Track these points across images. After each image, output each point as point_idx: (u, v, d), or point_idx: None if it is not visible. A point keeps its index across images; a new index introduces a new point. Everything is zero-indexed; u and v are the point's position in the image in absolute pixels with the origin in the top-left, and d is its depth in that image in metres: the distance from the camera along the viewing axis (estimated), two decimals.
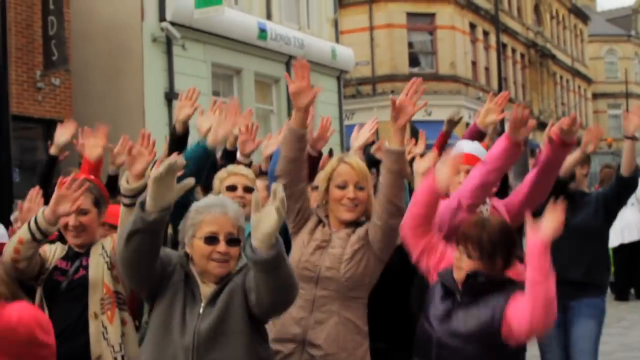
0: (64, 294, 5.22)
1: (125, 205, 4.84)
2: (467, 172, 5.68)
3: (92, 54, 21.98)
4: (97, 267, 5.24)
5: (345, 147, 30.91)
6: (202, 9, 22.20)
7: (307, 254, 5.12)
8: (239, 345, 4.24)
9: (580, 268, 7.39)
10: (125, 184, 4.85)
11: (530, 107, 5.26)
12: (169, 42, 22.29)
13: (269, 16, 26.78)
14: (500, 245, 4.62)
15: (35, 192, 5.93)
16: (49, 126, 20.43)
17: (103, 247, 5.33)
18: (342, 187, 5.20)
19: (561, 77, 59.72)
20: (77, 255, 5.35)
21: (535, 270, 4.35)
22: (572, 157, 7.30)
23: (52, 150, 7.73)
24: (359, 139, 7.27)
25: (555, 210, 4.43)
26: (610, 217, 7.69)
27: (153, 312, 4.44)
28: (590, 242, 7.49)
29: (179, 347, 4.24)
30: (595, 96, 71.03)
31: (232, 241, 4.35)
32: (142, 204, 4.23)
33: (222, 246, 4.33)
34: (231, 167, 6.47)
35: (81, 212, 5.27)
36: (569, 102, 62.30)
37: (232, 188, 6.21)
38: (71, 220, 5.28)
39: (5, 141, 13.22)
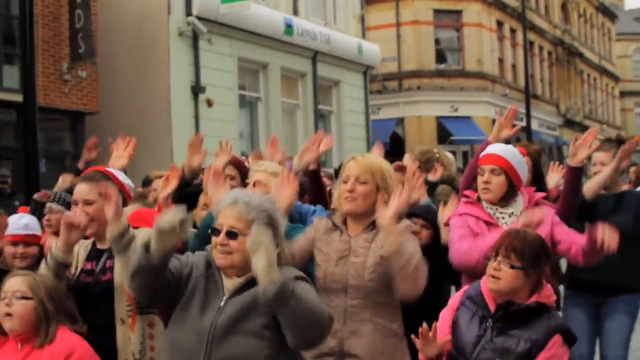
0: (93, 297, 5.17)
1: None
2: (492, 171, 5.69)
3: (119, 47, 22.08)
4: (122, 272, 5.10)
5: (371, 142, 30.92)
6: (228, 4, 22.26)
7: (332, 267, 5.07)
8: (251, 347, 4.17)
9: (614, 272, 7.12)
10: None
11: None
12: (195, 37, 22.32)
13: (295, 12, 26.78)
14: (541, 257, 4.62)
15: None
16: (75, 118, 20.61)
17: None
18: (345, 181, 5.18)
19: (588, 75, 59.42)
20: (101, 254, 5.31)
21: None
22: (601, 178, 7.07)
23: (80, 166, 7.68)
24: (303, 158, 6.53)
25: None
26: None
27: (175, 308, 4.42)
28: (628, 246, 7.27)
29: (194, 339, 4.22)
30: (623, 94, 70.66)
31: (231, 234, 4.29)
32: (146, 246, 4.22)
33: (220, 237, 4.31)
34: (257, 165, 6.29)
35: (87, 202, 5.25)
36: (596, 100, 62.02)
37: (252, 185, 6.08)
38: (78, 210, 5.25)
39: (32, 132, 13.29)
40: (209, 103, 22.58)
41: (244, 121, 25.09)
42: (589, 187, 6.89)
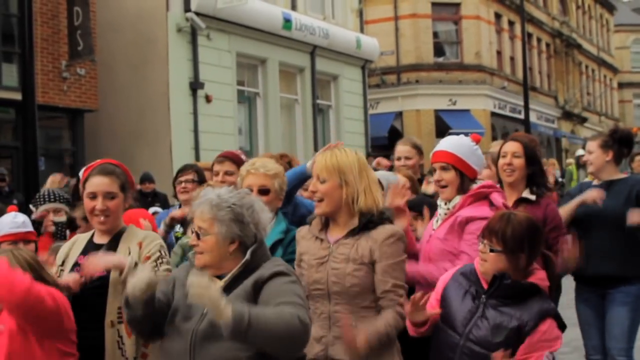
0: (84, 292, 5.12)
1: None
2: (442, 168, 5.68)
3: (118, 44, 22.12)
4: (119, 275, 5.11)
5: (369, 136, 30.94)
6: None
7: (314, 273, 5.07)
8: (233, 351, 4.18)
9: (612, 262, 7.25)
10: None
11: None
12: (193, 32, 22.35)
13: (293, 6, 26.79)
14: (525, 241, 4.62)
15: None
16: (74, 115, 20.62)
17: (130, 254, 5.19)
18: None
19: (587, 67, 59.36)
20: (97, 248, 5.28)
21: None
22: (567, 211, 7.24)
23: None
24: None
25: None
26: None
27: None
28: (622, 233, 7.23)
29: (180, 346, 4.29)
30: (621, 86, 70.59)
31: (198, 234, 4.36)
32: (127, 302, 4.37)
33: (192, 238, 4.41)
34: (249, 164, 6.07)
35: (108, 195, 5.26)
36: (595, 91, 61.96)
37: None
38: (98, 203, 5.24)
39: (31, 130, 13.30)
40: (208, 99, 22.60)
41: (243, 117, 25.09)
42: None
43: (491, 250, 4.63)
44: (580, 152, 33.16)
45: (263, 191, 5.81)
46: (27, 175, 13.42)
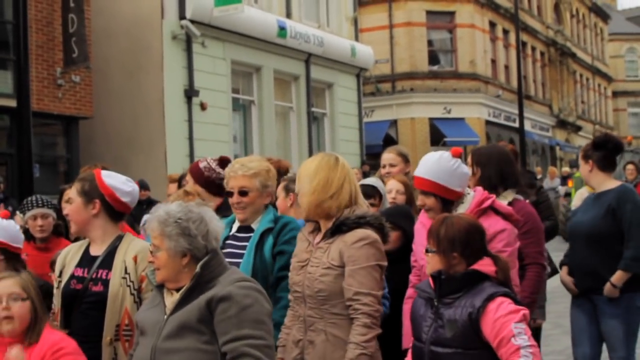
0: (82, 304, 5.12)
1: None
2: (423, 193, 5.60)
3: (113, 51, 22.11)
4: (118, 293, 5.08)
5: (364, 144, 30.96)
6: (222, 7, 22.30)
7: (294, 276, 5.11)
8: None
9: (594, 276, 7.18)
10: None
11: None
12: (188, 40, 22.36)
13: (288, 14, 26.83)
14: (457, 242, 4.66)
15: None
16: (68, 122, 20.61)
17: (127, 273, 5.15)
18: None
19: (581, 76, 59.51)
20: (93, 260, 5.25)
21: None
22: None
23: None
24: None
25: None
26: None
27: None
28: (599, 247, 7.17)
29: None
30: (616, 94, 70.79)
31: (152, 251, 4.45)
32: None
33: (149, 255, 4.52)
34: (229, 167, 6.00)
35: (67, 201, 5.29)
36: (589, 100, 62.11)
37: (229, 194, 5.86)
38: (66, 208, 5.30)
39: (26, 137, 13.28)
40: (202, 106, 22.61)
41: (237, 124, 25.10)
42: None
43: (426, 251, 4.73)
44: None
45: (242, 192, 5.77)
46: (22, 182, 13.40)
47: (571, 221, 7.47)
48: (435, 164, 5.60)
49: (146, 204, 16.33)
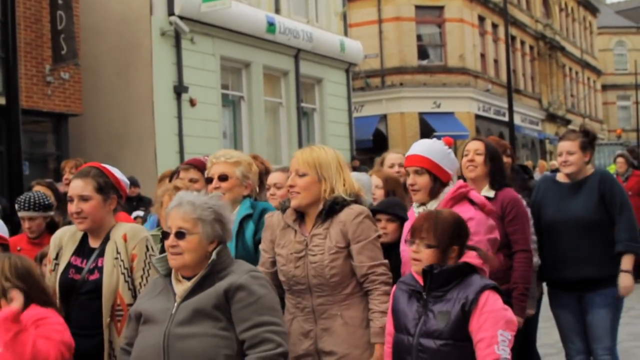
0: (80, 294, 5.17)
1: None
2: (416, 172, 5.68)
3: (101, 48, 22.07)
4: (112, 275, 5.14)
5: (354, 139, 30.95)
6: (210, 3, 22.25)
7: (292, 269, 5.12)
8: (209, 349, 4.26)
9: (588, 265, 7.18)
10: None
11: None
12: (177, 36, 22.32)
13: (277, 10, 26.79)
14: (455, 236, 4.71)
15: None
16: (58, 120, 20.55)
17: (118, 253, 5.22)
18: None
19: (570, 69, 59.61)
20: (92, 252, 5.30)
21: None
22: None
23: None
24: None
25: None
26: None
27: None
28: (592, 235, 7.19)
29: (153, 350, 4.34)
30: (605, 88, 70.96)
31: (180, 234, 4.40)
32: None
33: (170, 239, 4.44)
34: (212, 155, 6.18)
35: (82, 198, 5.26)
36: (578, 93, 62.22)
37: (209, 180, 6.02)
38: (72, 206, 5.26)
39: (15, 135, 13.27)
40: (192, 103, 22.58)
41: (227, 120, 25.08)
42: None
43: (428, 247, 4.69)
44: None
45: (222, 177, 5.90)
46: (11, 180, 13.40)
47: (546, 211, 7.39)
48: (430, 145, 5.81)
49: (136, 201, 16.34)
